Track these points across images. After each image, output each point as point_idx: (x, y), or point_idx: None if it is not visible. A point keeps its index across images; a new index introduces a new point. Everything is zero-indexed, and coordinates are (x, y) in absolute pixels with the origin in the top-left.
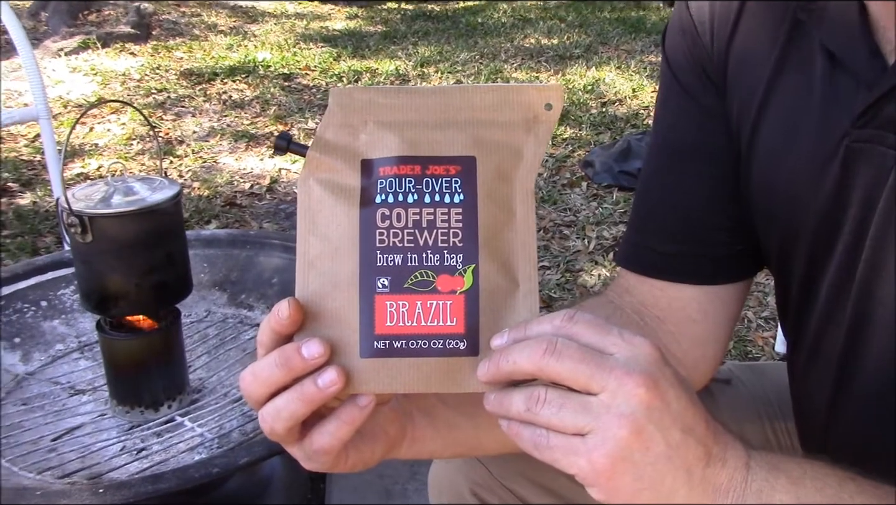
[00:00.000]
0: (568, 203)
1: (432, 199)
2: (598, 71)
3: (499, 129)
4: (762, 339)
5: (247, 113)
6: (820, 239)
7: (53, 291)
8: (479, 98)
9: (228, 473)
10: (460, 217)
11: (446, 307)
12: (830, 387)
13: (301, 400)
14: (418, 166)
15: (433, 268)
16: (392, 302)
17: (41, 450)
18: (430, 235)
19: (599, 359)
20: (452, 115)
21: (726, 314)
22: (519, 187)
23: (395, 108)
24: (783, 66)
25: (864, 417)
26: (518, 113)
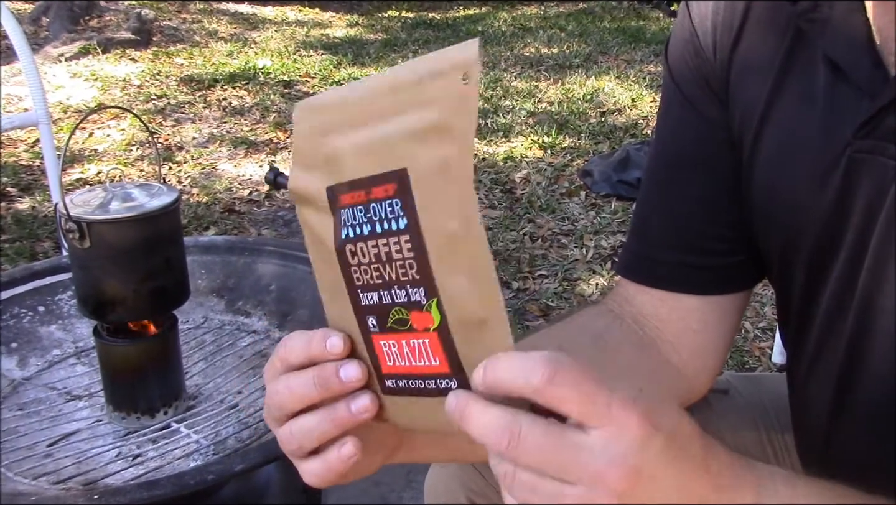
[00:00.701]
0: (566, 212)
1: (382, 227)
2: (598, 80)
3: (419, 125)
4: (759, 349)
5: (246, 120)
6: (821, 249)
7: (51, 296)
8: (397, 88)
9: (224, 479)
10: (409, 245)
11: (426, 346)
12: (831, 397)
13: (332, 422)
14: (363, 192)
15: (404, 305)
16: (384, 342)
17: (37, 455)
18: (391, 269)
19: (571, 450)
20: (381, 114)
21: (726, 325)
22: (455, 193)
23: (341, 115)
24: (785, 76)
25: (865, 428)
26: (434, 101)
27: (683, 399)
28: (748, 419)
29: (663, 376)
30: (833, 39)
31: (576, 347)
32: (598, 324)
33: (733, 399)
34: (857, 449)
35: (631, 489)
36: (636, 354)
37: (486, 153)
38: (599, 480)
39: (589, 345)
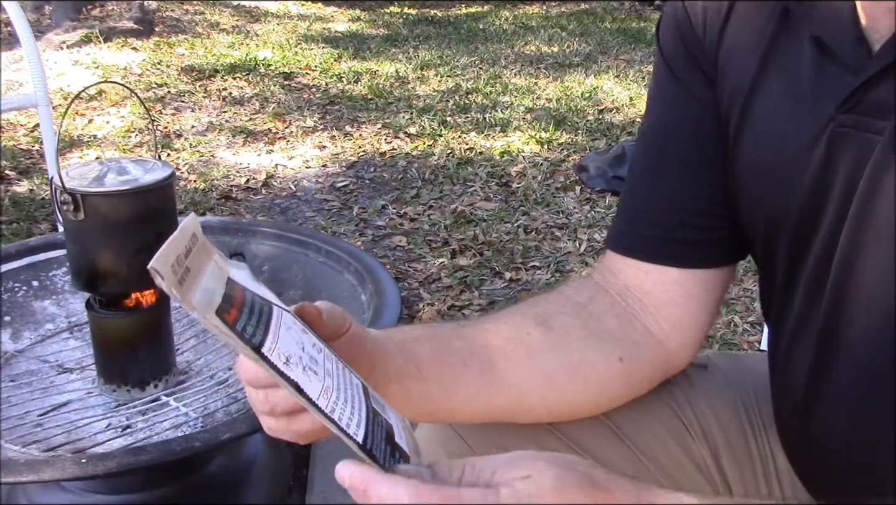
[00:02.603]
0: (561, 206)
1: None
2: (597, 79)
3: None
4: (748, 343)
5: (246, 110)
6: (803, 225)
7: (45, 271)
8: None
9: (210, 447)
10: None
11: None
12: (809, 372)
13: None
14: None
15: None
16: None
17: (27, 424)
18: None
19: None
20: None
21: (709, 299)
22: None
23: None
24: (772, 55)
25: (843, 403)
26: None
27: (664, 372)
28: (728, 398)
29: (645, 348)
30: (819, 18)
31: (560, 317)
32: (582, 295)
33: (713, 375)
34: (834, 425)
35: None
36: (619, 325)
37: (483, 147)
38: None
39: (572, 314)
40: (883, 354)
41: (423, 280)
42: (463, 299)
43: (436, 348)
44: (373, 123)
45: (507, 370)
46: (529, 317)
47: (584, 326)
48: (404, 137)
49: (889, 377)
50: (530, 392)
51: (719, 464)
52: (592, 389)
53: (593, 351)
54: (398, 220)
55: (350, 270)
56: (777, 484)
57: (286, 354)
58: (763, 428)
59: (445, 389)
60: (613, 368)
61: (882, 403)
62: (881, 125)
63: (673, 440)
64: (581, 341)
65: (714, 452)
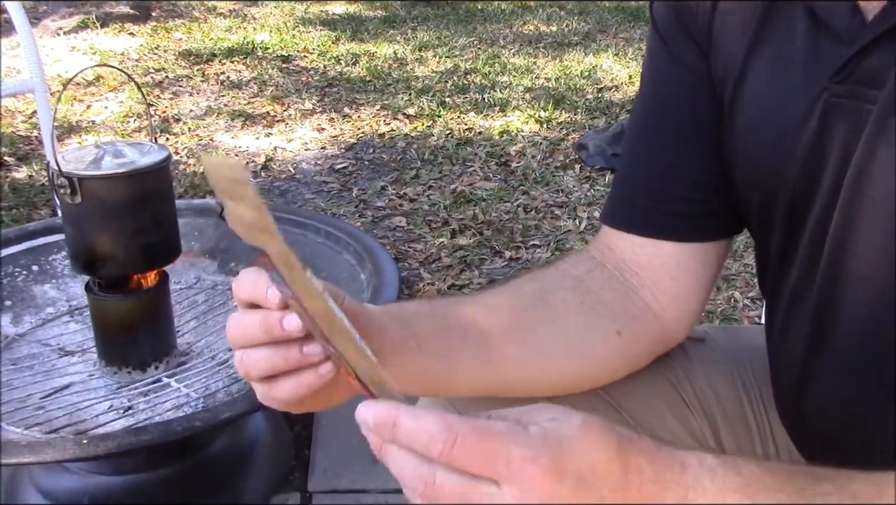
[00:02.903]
0: (560, 185)
1: (282, 292)
2: (596, 58)
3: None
4: (748, 318)
5: (244, 93)
6: (799, 196)
7: (45, 256)
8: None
9: (211, 427)
10: (302, 311)
11: (360, 386)
12: (805, 342)
13: (285, 360)
14: (259, 255)
15: (332, 354)
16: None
17: (29, 407)
18: (309, 324)
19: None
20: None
21: (705, 273)
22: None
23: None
24: (766, 26)
25: (839, 372)
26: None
27: (661, 345)
28: (725, 371)
29: (642, 322)
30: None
31: (558, 292)
32: (579, 269)
33: (710, 348)
34: (830, 395)
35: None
36: (616, 299)
37: (482, 127)
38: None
39: (570, 288)
40: (878, 327)
41: (423, 260)
42: (463, 279)
43: (434, 323)
44: (371, 105)
45: (506, 345)
46: (528, 292)
47: (582, 300)
48: (403, 119)
49: (885, 351)
50: (529, 367)
51: (718, 437)
52: (591, 363)
53: (591, 326)
54: (398, 201)
55: (349, 250)
56: (776, 457)
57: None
58: (761, 401)
59: (444, 363)
60: (611, 343)
61: (877, 377)
62: (875, 95)
63: (672, 414)
64: (579, 316)
65: (713, 425)
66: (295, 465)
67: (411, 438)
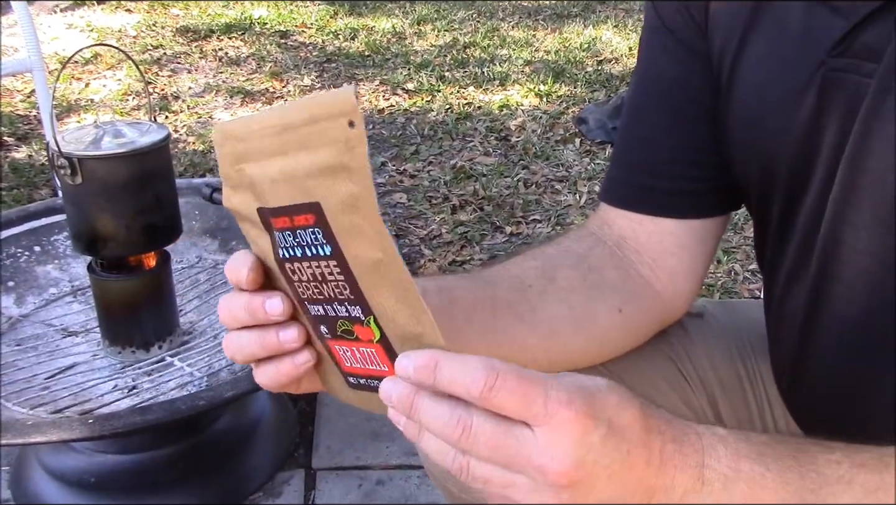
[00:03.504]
0: (560, 159)
1: (311, 252)
2: (596, 29)
3: (322, 163)
4: (748, 291)
5: (242, 70)
6: (798, 170)
7: (47, 236)
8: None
9: (214, 406)
10: (338, 269)
11: (373, 354)
12: (803, 315)
13: (261, 346)
14: (287, 218)
15: (346, 318)
16: (339, 346)
17: (34, 388)
18: (329, 288)
19: (516, 444)
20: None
21: (703, 249)
22: (370, 226)
23: (251, 146)
24: (763, 2)
25: (835, 346)
26: (330, 142)
27: (661, 321)
28: (723, 346)
29: (643, 299)
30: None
31: (562, 269)
32: (581, 246)
33: (709, 323)
34: (827, 368)
35: (572, 482)
36: (618, 276)
37: (481, 101)
38: (542, 473)
39: (573, 266)
40: (877, 299)
41: (424, 236)
42: (464, 255)
43: (441, 300)
44: (370, 80)
45: (510, 322)
46: (532, 268)
47: (585, 277)
48: (402, 94)
49: (882, 323)
50: (533, 345)
51: (717, 412)
52: (593, 340)
53: (594, 303)
54: (398, 177)
55: None
56: (774, 431)
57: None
58: (759, 375)
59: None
60: (614, 320)
61: (875, 350)
62: (872, 68)
63: (672, 390)
64: (583, 293)
65: (711, 400)
66: (299, 442)
67: (454, 378)
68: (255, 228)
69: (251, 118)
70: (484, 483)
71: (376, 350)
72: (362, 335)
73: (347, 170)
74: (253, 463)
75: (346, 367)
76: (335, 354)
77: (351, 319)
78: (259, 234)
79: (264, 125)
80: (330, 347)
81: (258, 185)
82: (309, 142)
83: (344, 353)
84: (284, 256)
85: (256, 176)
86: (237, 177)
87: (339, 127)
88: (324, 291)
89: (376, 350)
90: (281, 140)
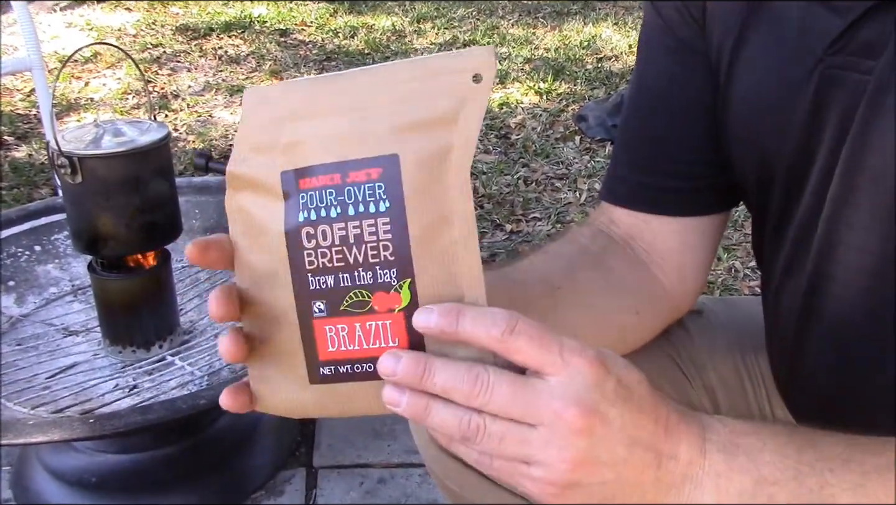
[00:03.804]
0: (560, 156)
1: (356, 210)
2: (595, 27)
3: (422, 116)
4: (749, 288)
5: (242, 68)
6: (796, 167)
7: (47, 236)
8: (396, 80)
9: (215, 405)
10: (388, 227)
11: (386, 327)
12: (799, 309)
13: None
14: (338, 175)
15: (367, 286)
16: (331, 326)
17: (35, 387)
18: (359, 251)
19: (533, 393)
20: (370, 104)
21: (708, 245)
22: (452, 183)
23: (311, 104)
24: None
25: (832, 338)
26: (442, 94)
27: (670, 320)
28: (723, 343)
29: (656, 300)
30: None
31: (583, 271)
32: (596, 245)
33: (708, 320)
34: (824, 363)
35: (589, 427)
36: (634, 277)
37: None
38: (559, 418)
39: (593, 267)
40: (873, 296)
41: None
42: None
43: None
44: None
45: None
46: (557, 269)
47: (606, 279)
48: None
49: (878, 318)
50: None
51: (717, 409)
52: (610, 341)
53: (613, 304)
54: None
55: None
56: None
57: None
58: (759, 371)
59: None
60: (630, 321)
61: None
62: (871, 65)
63: (672, 388)
64: (603, 296)
65: (711, 397)
66: (300, 441)
67: (476, 325)
68: (259, 197)
69: (297, 82)
70: (500, 441)
71: (393, 321)
72: (382, 304)
73: (453, 122)
74: (254, 462)
75: (325, 353)
76: (317, 338)
77: (373, 287)
78: (264, 203)
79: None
80: (315, 328)
81: (301, 144)
82: (414, 96)
83: (336, 333)
84: (307, 218)
85: (303, 134)
86: (269, 138)
87: (461, 80)
88: (348, 256)
89: (393, 321)
90: (362, 97)
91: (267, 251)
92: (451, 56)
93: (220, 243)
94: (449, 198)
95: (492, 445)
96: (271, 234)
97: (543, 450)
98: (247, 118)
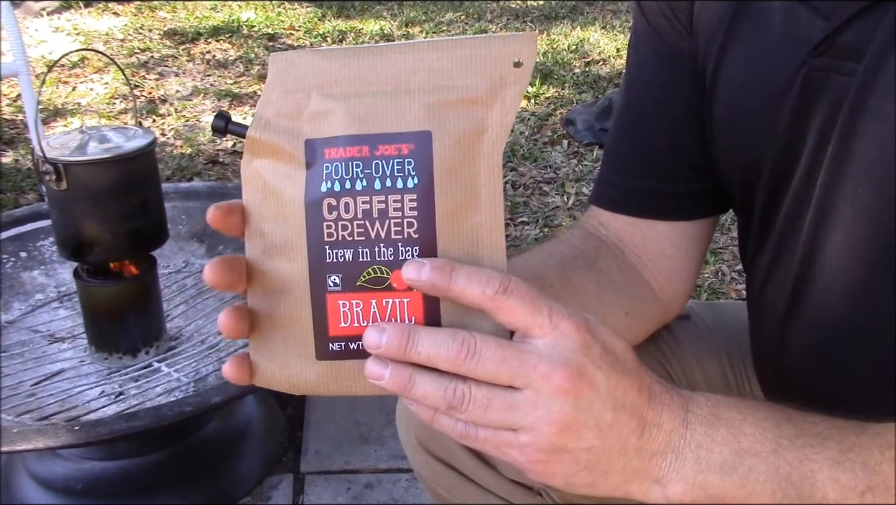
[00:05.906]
0: (548, 160)
1: (383, 184)
2: (583, 31)
3: (459, 95)
4: (735, 291)
5: (230, 73)
6: (780, 169)
7: (33, 242)
8: (435, 58)
9: (202, 411)
10: (415, 204)
11: (403, 305)
12: (784, 309)
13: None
14: (366, 147)
15: (387, 263)
16: (345, 301)
17: (21, 394)
18: (382, 227)
19: (520, 355)
20: (404, 80)
21: (697, 249)
22: (483, 164)
23: (341, 75)
24: (745, 3)
25: (815, 339)
26: (481, 75)
27: (659, 323)
28: (710, 347)
29: (646, 302)
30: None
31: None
32: (588, 247)
33: (695, 324)
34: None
35: (576, 389)
36: (624, 279)
37: None
38: (546, 380)
39: (586, 268)
40: (857, 297)
41: None
42: None
43: None
44: None
45: None
46: (552, 269)
47: (598, 280)
48: None
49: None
50: None
51: None
52: None
53: (605, 306)
54: None
55: None
56: None
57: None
58: (745, 375)
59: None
60: (620, 322)
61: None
62: (854, 67)
63: None
64: (596, 297)
65: None
66: (287, 446)
67: (470, 281)
68: (280, 165)
69: (328, 50)
70: (485, 408)
71: (412, 299)
72: (400, 282)
73: (491, 104)
74: (241, 468)
75: (336, 328)
76: (329, 313)
77: (393, 263)
78: (285, 172)
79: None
80: (327, 303)
81: (329, 114)
82: (449, 74)
83: (350, 308)
84: (330, 189)
85: (332, 104)
86: (293, 105)
87: (503, 62)
88: (370, 231)
89: (412, 299)
90: (390, 70)
91: (283, 220)
92: (493, 38)
93: (242, 209)
94: (479, 179)
95: (477, 413)
96: (290, 203)
97: (530, 413)
98: (272, 84)
